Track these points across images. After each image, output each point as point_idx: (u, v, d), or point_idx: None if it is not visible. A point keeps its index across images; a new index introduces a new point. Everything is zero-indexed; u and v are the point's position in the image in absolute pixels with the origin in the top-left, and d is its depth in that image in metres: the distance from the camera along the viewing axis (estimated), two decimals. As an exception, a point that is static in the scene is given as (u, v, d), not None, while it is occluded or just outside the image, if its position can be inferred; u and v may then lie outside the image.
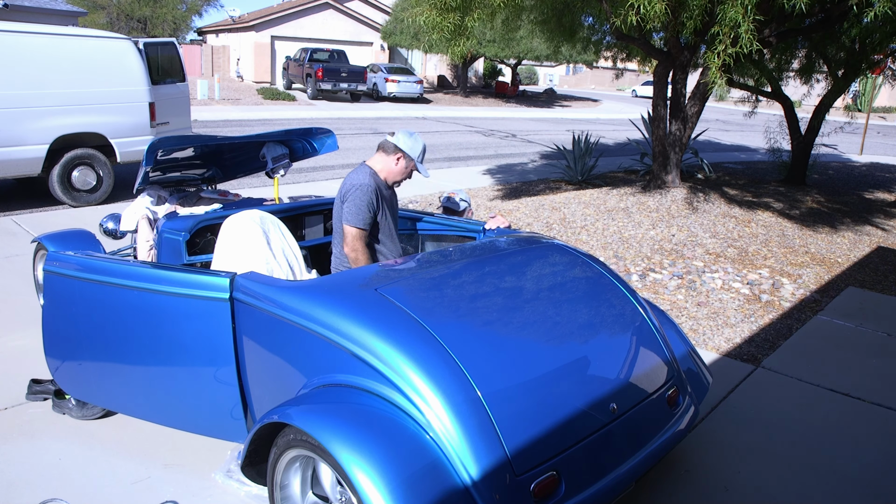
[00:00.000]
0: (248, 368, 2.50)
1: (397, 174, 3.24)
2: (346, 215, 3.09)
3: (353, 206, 3.06)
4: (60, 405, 3.12)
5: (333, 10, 30.46)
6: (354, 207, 3.06)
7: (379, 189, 3.15)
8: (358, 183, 3.09)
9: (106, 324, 2.79)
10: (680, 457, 2.96)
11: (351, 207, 3.07)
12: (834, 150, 16.72)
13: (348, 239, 3.08)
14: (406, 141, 3.19)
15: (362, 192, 3.07)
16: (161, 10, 29.35)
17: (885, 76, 11.78)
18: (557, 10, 8.60)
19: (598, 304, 2.64)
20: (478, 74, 38.42)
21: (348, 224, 3.08)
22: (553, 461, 2.01)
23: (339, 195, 3.18)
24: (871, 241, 7.16)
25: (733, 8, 5.12)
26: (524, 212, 7.65)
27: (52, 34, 7.00)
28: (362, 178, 3.11)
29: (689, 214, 7.28)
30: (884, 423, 3.38)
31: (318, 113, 19.90)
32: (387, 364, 2.02)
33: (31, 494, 2.56)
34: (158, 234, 3.47)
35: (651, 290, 5.24)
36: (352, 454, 1.85)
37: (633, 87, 44.71)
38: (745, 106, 12.09)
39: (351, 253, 3.08)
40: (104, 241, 4.54)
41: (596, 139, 11.11)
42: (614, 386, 2.31)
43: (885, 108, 34.06)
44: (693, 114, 7.91)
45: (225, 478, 2.65)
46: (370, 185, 3.10)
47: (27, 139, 6.83)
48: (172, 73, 8.53)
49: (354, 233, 3.07)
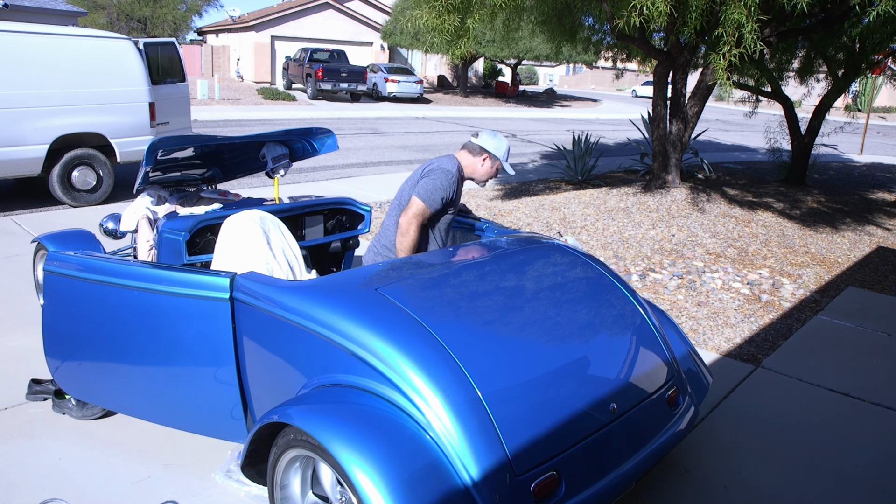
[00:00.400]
0: (248, 368, 2.50)
1: (483, 174, 3.29)
2: (420, 189, 3.10)
3: (431, 184, 3.09)
4: (60, 405, 3.12)
5: (333, 10, 30.46)
6: (432, 185, 3.09)
7: (458, 180, 3.20)
8: (446, 167, 3.14)
9: (106, 324, 2.79)
10: (680, 457, 2.96)
11: (428, 184, 3.10)
12: (834, 150, 16.73)
13: (411, 210, 3.08)
14: (491, 141, 3.24)
15: (445, 175, 3.11)
16: (161, 10, 29.36)
17: (885, 76, 11.79)
18: (558, 10, 8.61)
19: (599, 305, 2.64)
20: (478, 74, 38.43)
21: (419, 197, 3.09)
22: (553, 461, 2.01)
23: (419, 171, 3.20)
24: (871, 240, 7.16)
25: (736, 9, 5.12)
26: (524, 212, 7.65)
27: (52, 34, 7.00)
28: (447, 164, 3.16)
29: (689, 214, 7.29)
30: (884, 423, 3.38)
31: (318, 113, 19.90)
32: (387, 364, 2.02)
33: (31, 494, 2.56)
34: (158, 234, 3.47)
35: (651, 290, 5.24)
36: (352, 454, 1.85)
37: (633, 87, 44.71)
38: (746, 106, 12.09)
39: (405, 224, 3.07)
40: (104, 241, 4.54)
41: (596, 139, 11.11)
42: (614, 386, 2.31)
43: (885, 108, 34.06)
44: (693, 114, 7.91)
45: (225, 478, 2.65)
46: (452, 172, 3.15)
47: (27, 139, 6.83)
48: (172, 73, 8.53)
49: (420, 207, 3.08)
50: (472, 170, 3.28)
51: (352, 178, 9.87)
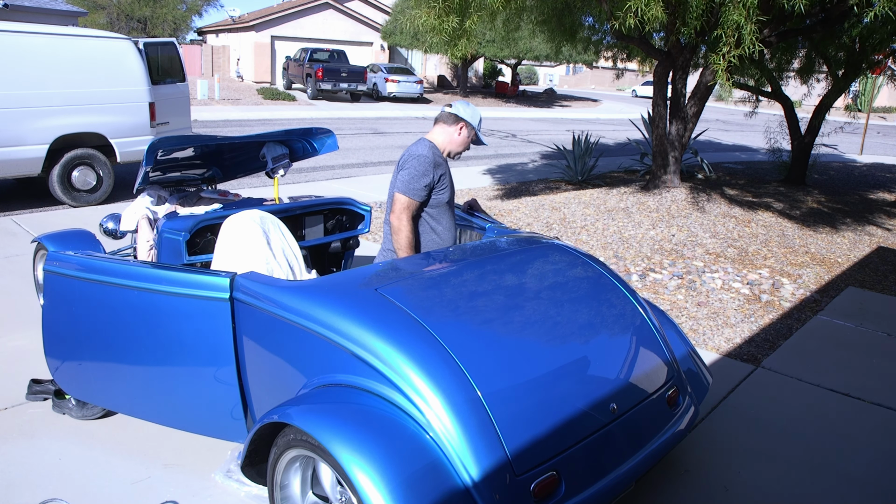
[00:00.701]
0: (248, 368, 2.50)
1: (459, 144, 3.21)
2: (399, 183, 3.06)
3: (408, 175, 3.04)
4: (60, 405, 3.12)
5: (333, 10, 30.46)
6: (408, 176, 3.04)
7: (437, 163, 3.12)
8: (417, 153, 3.07)
9: (106, 324, 2.79)
10: (680, 457, 2.96)
11: (405, 176, 3.05)
12: (834, 150, 16.73)
13: (396, 206, 3.04)
14: (465, 110, 3.17)
15: (419, 162, 3.04)
16: (161, 10, 29.36)
17: (885, 76, 11.79)
18: (558, 10, 8.61)
19: (598, 305, 2.64)
20: (478, 74, 38.43)
21: (399, 192, 3.05)
22: (553, 461, 2.01)
23: (397, 165, 3.16)
24: (871, 240, 7.16)
25: (735, 10, 5.12)
26: (524, 212, 7.65)
27: (52, 34, 7.00)
28: (420, 150, 3.09)
29: (690, 214, 7.29)
30: (884, 423, 3.38)
31: (318, 113, 19.90)
32: (387, 364, 2.02)
33: (31, 494, 2.56)
34: (158, 234, 3.47)
35: (651, 290, 5.24)
36: (352, 454, 1.85)
37: (633, 87, 44.70)
38: (746, 106, 12.11)
39: (395, 221, 3.04)
40: (104, 241, 4.54)
41: (596, 139, 11.11)
42: (614, 386, 2.31)
43: (885, 108, 34.06)
44: (693, 114, 7.91)
45: (225, 478, 2.65)
46: (427, 157, 3.07)
47: (27, 139, 6.83)
48: (172, 73, 8.53)
49: (404, 201, 3.03)
50: (449, 141, 3.19)
51: (352, 178, 9.87)
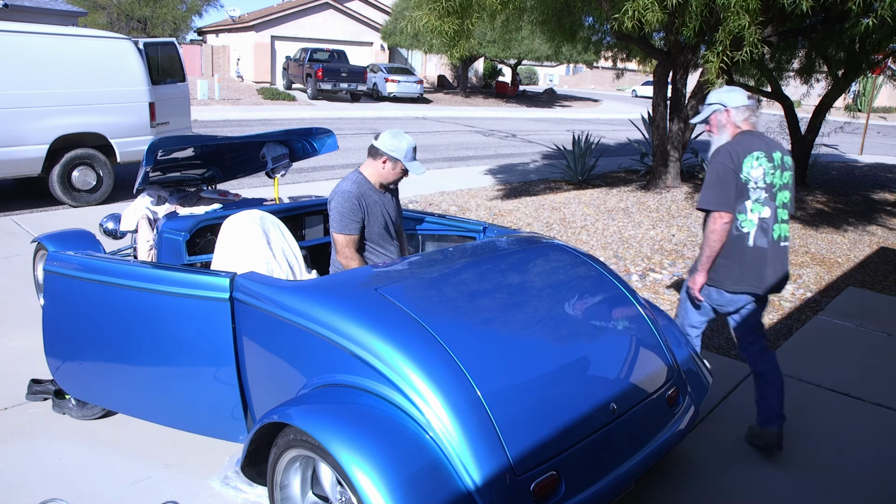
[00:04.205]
0: (248, 368, 2.50)
1: (388, 176, 3.16)
2: (332, 223, 3.10)
3: (335, 214, 3.08)
4: (60, 405, 3.12)
5: (333, 10, 30.45)
6: (336, 214, 3.07)
7: (363, 195, 3.10)
8: (339, 190, 3.09)
9: (106, 324, 2.79)
10: (680, 457, 2.96)
11: (333, 215, 3.08)
12: (835, 151, 16.72)
13: (338, 247, 3.09)
14: (389, 142, 3.10)
15: (342, 198, 3.06)
16: (161, 10, 29.36)
17: (885, 76, 11.79)
18: (558, 10, 8.62)
19: (598, 304, 2.64)
20: (478, 74, 38.42)
21: (335, 231, 3.09)
22: (553, 461, 2.01)
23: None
24: (871, 240, 7.16)
25: (736, 17, 5.13)
26: (524, 212, 7.65)
27: (52, 34, 7.00)
28: (344, 185, 3.10)
29: (690, 214, 7.28)
30: (884, 423, 3.38)
31: (318, 113, 19.90)
32: (387, 364, 2.02)
33: (31, 494, 2.56)
34: (158, 234, 3.47)
35: (651, 290, 5.24)
36: (352, 454, 1.85)
37: (633, 87, 44.69)
38: (746, 106, 12.07)
39: (343, 260, 3.08)
40: (104, 241, 4.54)
41: (596, 139, 11.11)
42: (614, 386, 2.31)
43: (886, 108, 34.05)
44: (693, 114, 7.92)
45: (222, 485, 2.63)
46: (351, 192, 3.07)
47: (27, 139, 6.83)
48: (172, 73, 8.53)
49: (341, 239, 3.07)
50: (377, 174, 3.15)
51: (352, 178, 9.86)
